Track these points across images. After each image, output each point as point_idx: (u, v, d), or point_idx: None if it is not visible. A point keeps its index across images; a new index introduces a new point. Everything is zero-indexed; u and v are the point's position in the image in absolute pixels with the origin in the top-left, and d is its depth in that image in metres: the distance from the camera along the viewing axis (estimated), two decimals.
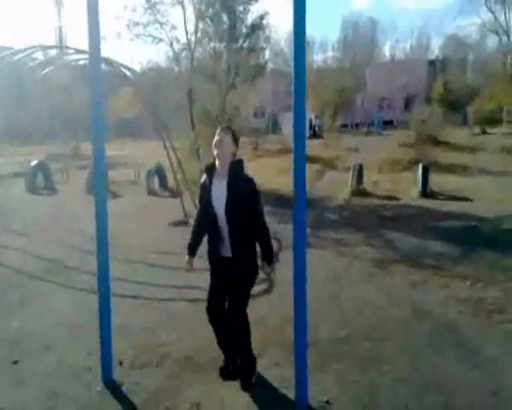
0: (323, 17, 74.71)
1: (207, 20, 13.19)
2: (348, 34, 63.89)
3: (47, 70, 12.73)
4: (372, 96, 52.98)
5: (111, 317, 3.52)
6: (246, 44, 14.27)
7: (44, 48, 12.13)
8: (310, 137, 33.65)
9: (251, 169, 12.05)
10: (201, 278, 3.61)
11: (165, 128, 9.98)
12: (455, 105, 38.18)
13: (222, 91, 12.15)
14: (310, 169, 17.00)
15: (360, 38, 63.81)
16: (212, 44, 13.68)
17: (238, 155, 3.49)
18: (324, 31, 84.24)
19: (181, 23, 12.91)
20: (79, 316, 4.67)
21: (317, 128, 40.18)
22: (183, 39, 13.27)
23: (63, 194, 13.09)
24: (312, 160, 19.66)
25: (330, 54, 61.88)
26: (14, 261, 6.68)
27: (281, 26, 68.75)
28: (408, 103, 47.82)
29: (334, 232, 8.14)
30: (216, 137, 3.23)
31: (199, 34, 13.30)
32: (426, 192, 11.06)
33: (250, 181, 3.29)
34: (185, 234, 8.00)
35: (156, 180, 12.98)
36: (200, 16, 13.01)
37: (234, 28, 13.51)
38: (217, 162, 3.33)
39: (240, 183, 3.26)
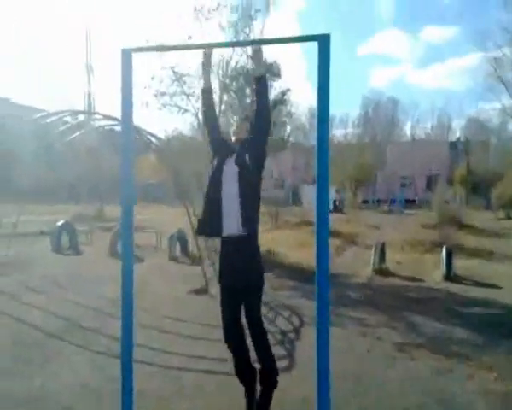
0: (344, 93, 77.24)
1: (232, 93, 13.78)
2: (369, 112, 65.57)
3: (76, 134, 13.43)
4: (393, 174, 53.48)
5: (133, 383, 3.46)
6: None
7: (74, 113, 12.85)
8: (330, 212, 33.88)
9: (271, 241, 12.19)
10: (214, 349, 3.57)
11: (188, 195, 10.21)
12: (477, 188, 38.23)
13: None
14: (330, 244, 16.97)
15: (380, 116, 65.43)
16: (235, 117, 14.22)
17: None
18: (345, 107, 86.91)
19: None
20: (98, 379, 4.64)
21: (337, 202, 40.42)
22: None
23: (87, 255, 13.28)
24: (333, 234, 19.64)
25: (350, 130, 63.34)
26: (35, 319, 6.73)
27: (302, 101, 71.17)
28: (429, 183, 48.11)
29: (355, 311, 7.97)
30: (235, 126, 3.51)
31: (223, 106, 13.87)
32: (450, 276, 10.84)
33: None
34: (204, 303, 8.00)
35: (178, 246, 13.06)
36: (224, 89, 13.63)
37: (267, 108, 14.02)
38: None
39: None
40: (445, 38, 79.31)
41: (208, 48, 3.79)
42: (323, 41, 3.08)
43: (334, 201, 40.03)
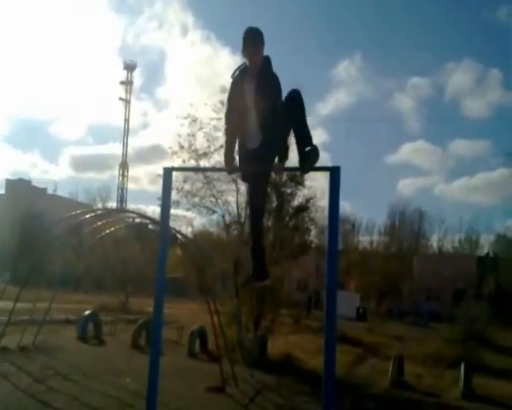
0: (371, 201, 78.46)
1: None
2: (395, 221, 65.86)
3: (107, 231, 14.40)
4: (419, 285, 52.61)
5: None
6: (292, 223, 15.43)
7: (108, 210, 13.83)
8: (354, 320, 33.28)
9: (292, 345, 12.36)
10: None
11: (211, 292, 10.67)
12: (505, 305, 37.17)
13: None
14: (351, 352, 16.81)
15: (407, 227, 65.56)
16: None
17: (278, 325, 4.07)
18: (371, 214, 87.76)
19: (234, 198, 14.43)
20: None
21: (361, 310, 39.70)
22: (235, 211, 14.66)
23: (110, 346, 13.61)
24: (354, 343, 19.42)
25: (376, 237, 63.44)
26: (61, 405, 7.08)
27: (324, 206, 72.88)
28: (456, 298, 46.96)
29: None
30: (251, 46, 3.57)
31: (248, 210, 14.69)
32: (468, 393, 10.64)
33: (275, 76, 3.67)
34: (219, 400, 8.19)
35: (198, 342, 13.28)
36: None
37: (281, 208, 14.83)
38: (249, 65, 3.68)
39: (267, 77, 3.61)
40: (474, 151, 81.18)
41: (237, 172, 4.43)
42: (334, 172, 3.74)
43: (358, 308, 39.40)
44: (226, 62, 74.79)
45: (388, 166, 77.34)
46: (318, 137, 61.33)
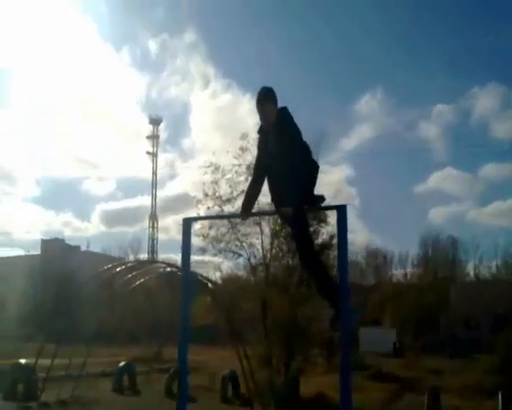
0: (402, 232, 77.29)
1: (281, 238, 14.97)
2: (428, 250, 64.50)
3: (138, 282, 14.90)
4: (457, 315, 51.02)
5: None
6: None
7: (138, 262, 14.35)
8: (391, 356, 32.51)
9: (324, 384, 12.36)
10: None
11: (239, 337, 10.91)
12: None
13: (293, 304, 13.18)
14: (386, 389, 16.53)
15: (441, 255, 64.14)
16: (285, 260, 15.24)
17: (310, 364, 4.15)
18: (403, 246, 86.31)
19: (258, 239, 14.79)
20: None
21: (397, 345, 38.71)
22: (260, 254, 14.99)
23: (145, 395, 13.91)
24: (390, 379, 19.06)
25: (410, 269, 62.18)
26: None
27: (354, 240, 72.12)
28: (495, 324, 45.31)
29: None
30: (258, 106, 3.87)
31: (274, 251, 15.05)
32: None
33: (289, 128, 3.87)
34: None
35: (230, 387, 13.42)
36: (275, 235, 14.91)
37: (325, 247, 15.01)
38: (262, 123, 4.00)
39: (281, 131, 3.83)
40: (504, 175, 79.76)
41: (249, 217, 4.81)
42: (341, 210, 4.04)
43: (395, 343, 38.48)
44: (247, 108, 76.86)
45: (418, 196, 76.38)
46: (343, 172, 61.83)
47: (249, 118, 77.38)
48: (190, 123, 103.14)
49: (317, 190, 4.19)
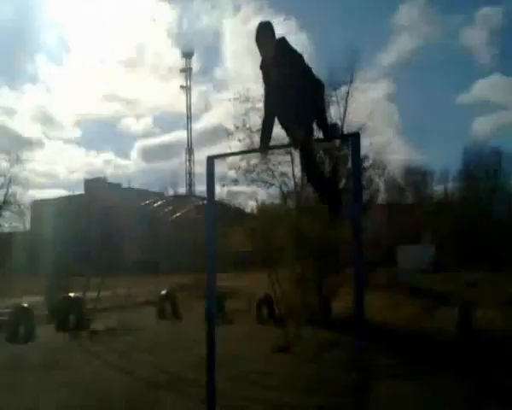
0: (444, 146, 74.69)
1: None
2: (470, 165, 62.55)
3: (177, 214, 15.39)
4: (498, 227, 50.04)
5: None
6: (348, 185, 15.49)
7: (176, 197, 14.69)
8: (430, 272, 32.74)
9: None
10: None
11: (273, 262, 11.26)
12: None
13: (325, 227, 13.29)
14: (423, 304, 16.84)
15: (483, 169, 62.20)
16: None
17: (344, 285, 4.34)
18: (445, 160, 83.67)
19: (290, 168, 14.77)
20: None
21: (437, 262, 38.75)
22: (292, 183, 15.03)
23: (186, 321, 14.75)
24: (427, 295, 19.34)
25: (451, 185, 60.76)
26: (143, 374, 8.14)
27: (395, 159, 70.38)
28: None
29: (434, 369, 8.26)
30: (257, 41, 3.91)
31: (304, 178, 15.05)
32: None
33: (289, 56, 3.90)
34: (284, 359, 8.81)
35: (265, 310, 14.02)
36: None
37: (336, 171, 14.98)
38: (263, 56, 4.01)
39: (282, 61, 3.86)
40: None
41: (267, 151, 4.78)
42: (354, 139, 4.15)
43: (434, 260, 38.52)
44: (280, 29, 73.42)
45: (462, 107, 72.69)
46: (383, 89, 59.41)
47: None
48: (223, 52, 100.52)
49: (358, 108, 4.30)
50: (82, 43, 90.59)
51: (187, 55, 60.88)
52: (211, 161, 4.55)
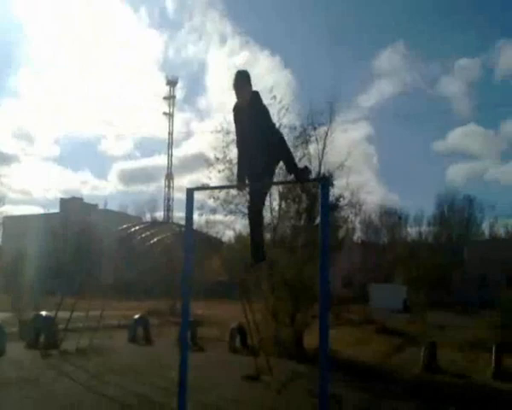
0: (419, 191, 76.80)
1: (289, 200, 15.40)
2: (443, 210, 64.32)
3: (154, 240, 15.55)
4: (471, 274, 51.27)
5: None
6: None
7: (154, 224, 14.86)
8: (401, 312, 33.24)
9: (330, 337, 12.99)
10: None
11: (248, 293, 11.54)
12: None
13: (299, 264, 13.69)
14: (390, 342, 17.22)
15: (456, 215, 63.97)
16: (292, 221, 15.72)
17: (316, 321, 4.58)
18: (419, 204, 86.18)
19: (267, 202, 15.16)
20: None
21: (408, 302, 39.33)
22: (268, 216, 15.42)
23: (158, 345, 14.77)
24: (395, 333, 19.77)
25: (425, 228, 62.22)
26: (113, 394, 8.25)
27: (372, 198, 71.88)
28: (510, 284, 45.60)
29: (395, 403, 8.57)
30: (235, 89, 4.33)
31: (281, 212, 15.52)
32: (499, 374, 10.94)
33: (261, 109, 4.37)
34: (254, 386, 8.99)
35: (238, 338, 14.17)
36: (283, 197, 15.34)
37: (312, 208, 15.44)
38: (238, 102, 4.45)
39: (255, 111, 4.31)
40: None
41: (244, 188, 5.18)
42: (324, 184, 4.43)
43: (405, 301, 39.10)
44: (265, 65, 75.73)
45: (437, 154, 75.31)
46: (362, 130, 61.20)
47: (267, 75, 76.61)
48: (207, 82, 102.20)
49: (336, 147, 4.70)
50: (66, 61, 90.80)
51: (171, 82, 61.66)
52: (190, 192, 4.77)
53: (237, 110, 4.49)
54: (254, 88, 4.46)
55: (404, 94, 75.17)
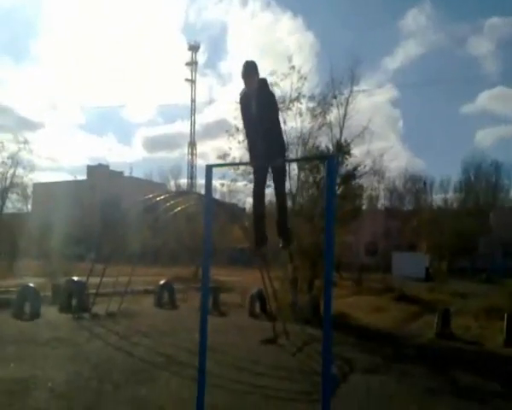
0: (446, 155, 75.34)
1: (307, 171, 15.68)
2: (470, 176, 63.04)
3: (178, 209, 16.11)
4: (496, 241, 50.64)
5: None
6: (341, 191, 16.09)
7: (177, 194, 15.22)
8: (423, 280, 33.41)
9: (349, 305, 13.60)
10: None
11: (266, 260, 12.02)
12: None
13: (317, 231, 14.04)
14: (408, 310, 17.58)
15: (483, 181, 62.76)
16: (310, 191, 16.05)
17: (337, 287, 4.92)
18: (446, 170, 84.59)
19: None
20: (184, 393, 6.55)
21: (430, 270, 39.38)
22: (287, 186, 15.74)
23: (182, 310, 15.59)
24: (414, 301, 20.08)
25: (451, 194, 61.30)
26: (141, 354, 8.94)
27: (394, 165, 71.04)
28: None
29: (404, 365, 9.01)
30: (244, 77, 4.61)
31: (299, 182, 15.84)
32: (511, 341, 11.22)
33: (269, 95, 4.78)
34: (271, 350, 9.54)
35: (258, 304, 14.77)
36: (301, 167, 15.65)
37: (318, 187, 15.67)
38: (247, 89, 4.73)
39: (263, 97, 4.65)
40: None
41: (260, 164, 5.47)
42: (330, 161, 4.63)
43: (427, 269, 39.12)
44: (287, 27, 74.51)
45: (465, 117, 73.33)
46: (387, 94, 59.99)
47: (289, 37, 75.19)
48: (229, 46, 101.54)
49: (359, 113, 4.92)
50: (88, 29, 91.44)
51: (193, 48, 61.42)
52: (209, 169, 5.06)
53: (245, 97, 4.78)
54: (277, 52, 4.74)
55: (430, 55, 72.95)
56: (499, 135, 76.50)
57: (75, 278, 14.59)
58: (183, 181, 58.45)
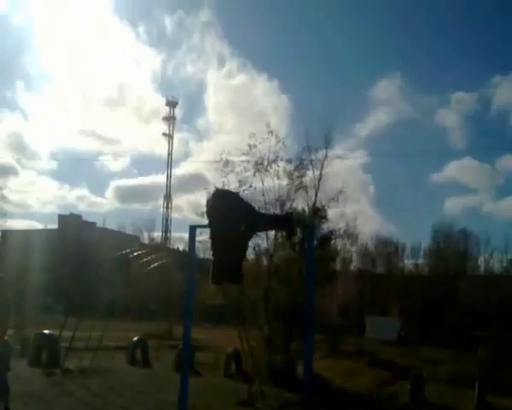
0: (416, 222, 77.07)
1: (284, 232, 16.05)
2: (439, 242, 64.37)
3: (152, 266, 16.13)
4: (465, 310, 51.11)
5: None
6: (316, 254, 16.38)
7: (153, 250, 15.25)
8: (395, 344, 33.37)
9: (323, 366, 13.54)
10: None
11: (243, 319, 12.05)
12: None
13: (293, 293, 14.22)
14: (382, 375, 17.57)
15: (452, 248, 64.15)
16: (287, 251, 16.37)
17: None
18: (416, 236, 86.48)
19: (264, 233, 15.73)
20: None
21: (402, 334, 39.40)
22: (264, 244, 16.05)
23: (156, 368, 15.27)
24: (387, 366, 20.06)
25: (421, 260, 62.38)
26: None
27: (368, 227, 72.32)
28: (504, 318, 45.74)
29: None
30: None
31: (277, 242, 16.14)
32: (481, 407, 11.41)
33: None
34: None
35: (234, 364, 14.61)
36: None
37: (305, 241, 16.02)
38: None
39: None
40: None
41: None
42: (309, 232, 5.04)
43: (399, 332, 39.17)
44: (263, 89, 77.15)
45: (434, 185, 75.84)
46: (359, 159, 61.97)
47: (264, 98, 77.86)
48: (205, 102, 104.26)
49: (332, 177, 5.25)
50: (64, 76, 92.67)
51: (171, 103, 62.53)
52: (193, 229, 5.27)
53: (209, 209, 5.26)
54: (252, 111, 5.14)
55: (400, 123, 76.32)
56: (468, 204, 79.28)
57: (46, 332, 14.21)
58: (157, 234, 58.00)
